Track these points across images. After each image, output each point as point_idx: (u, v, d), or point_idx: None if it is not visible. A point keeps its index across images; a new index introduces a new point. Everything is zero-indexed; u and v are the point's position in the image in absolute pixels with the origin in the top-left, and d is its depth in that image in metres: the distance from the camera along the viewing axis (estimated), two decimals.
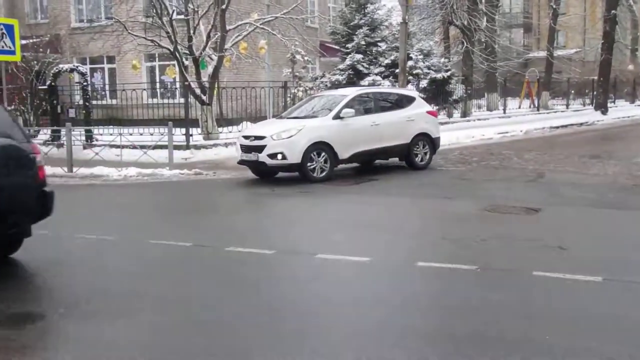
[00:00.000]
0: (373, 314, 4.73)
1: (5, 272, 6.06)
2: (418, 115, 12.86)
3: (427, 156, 12.86)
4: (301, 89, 20.65)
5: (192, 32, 16.68)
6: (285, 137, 11.20)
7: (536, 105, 30.66)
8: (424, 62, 23.57)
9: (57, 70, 18.21)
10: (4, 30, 14.26)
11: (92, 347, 4.22)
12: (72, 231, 7.66)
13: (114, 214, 9.39)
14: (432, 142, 12.98)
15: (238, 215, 9.13)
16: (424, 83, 22.91)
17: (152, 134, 15.17)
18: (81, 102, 18.73)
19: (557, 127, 23.32)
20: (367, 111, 12.42)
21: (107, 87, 25.23)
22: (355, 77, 22.60)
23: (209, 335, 4.38)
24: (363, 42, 23.67)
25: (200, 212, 9.55)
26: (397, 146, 12.47)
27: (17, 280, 5.77)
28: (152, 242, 7.09)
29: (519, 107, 30.33)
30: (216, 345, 4.19)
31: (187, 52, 16.99)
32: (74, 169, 13.09)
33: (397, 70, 20.01)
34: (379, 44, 24.28)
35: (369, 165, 13.03)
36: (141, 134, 15.39)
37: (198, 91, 16.92)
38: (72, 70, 18.83)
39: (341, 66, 23.46)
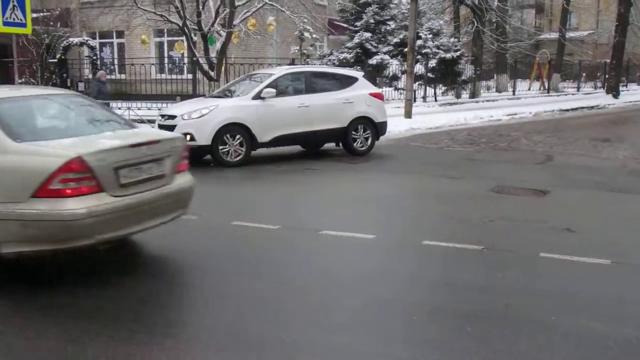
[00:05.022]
0: (378, 291, 4.71)
1: None
2: (358, 97, 11.86)
3: (369, 141, 11.95)
4: None
5: (201, 7, 16.55)
6: (196, 117, 10.52)
7: (546, 88, 30.41)
8: (433, 42, 23.42)
9: (67, 44, 18.20)
10: (15, 3, 14.16)
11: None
12: None
13: None
14: (374, 127, 12.03)
15: (244, 190, 9.09)
16: (432, 63, 22.77)
17: (159, 109, 15.13)
18: (90, 75, 18.74)
19: (567, 110, 23.13)
20: (297, 92, 11.47)
21: (116, 61, 25.19)
22: (363, 55, 22.49)
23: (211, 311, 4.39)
24: (372, 21, 23.51)
25: (201, 185, 9.53)
26: (331, 130, 11.61)
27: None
28: None
29: (529, 89, 30.14)
30: (220, 320, 4.19)
31: (196, 27, 16.89)
32: None
33: (405, 50, 19.86)
34: (388, 22, 24.12)
35: (312, 150, 12.34)
36: (149, 109, 15.37)
37: (206, 67, 16.84)
38: (81, 44, 18.82)
39: (349, 44, 23.32)
